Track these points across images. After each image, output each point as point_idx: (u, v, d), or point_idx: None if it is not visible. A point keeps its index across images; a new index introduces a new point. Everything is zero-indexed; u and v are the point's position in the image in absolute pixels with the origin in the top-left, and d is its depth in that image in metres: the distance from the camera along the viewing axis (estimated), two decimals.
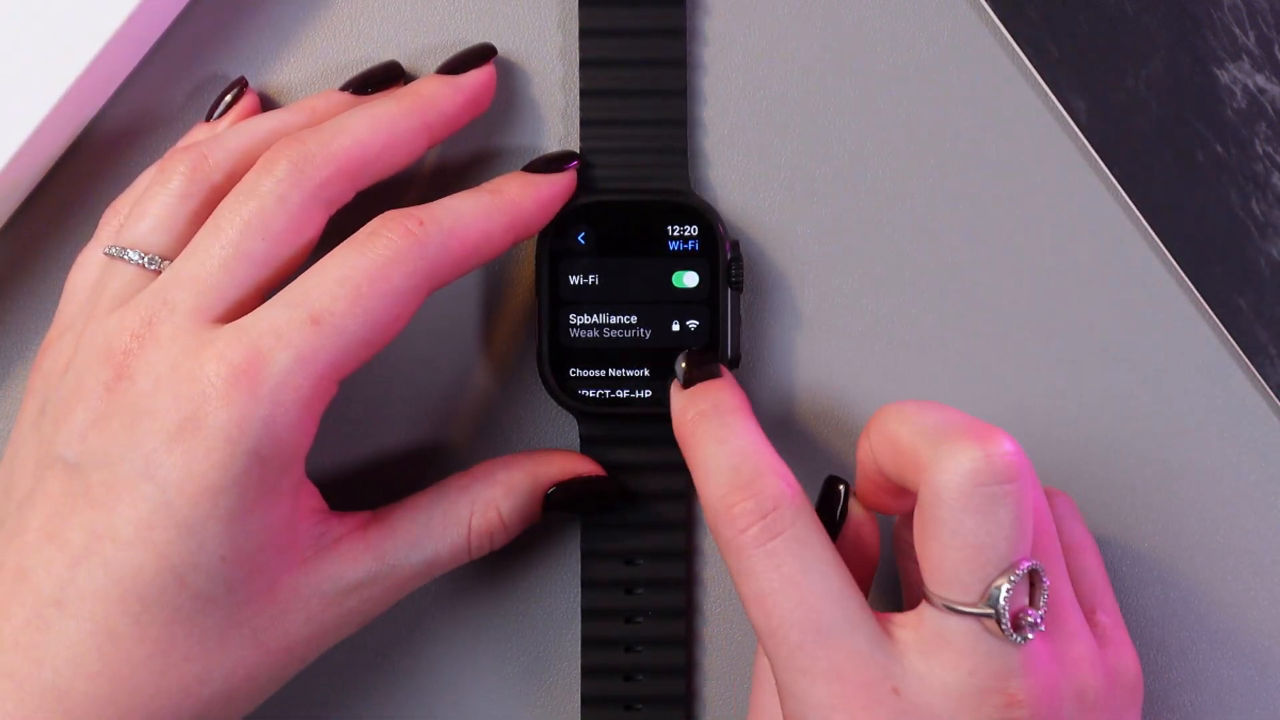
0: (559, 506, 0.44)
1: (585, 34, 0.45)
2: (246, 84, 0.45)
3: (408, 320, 0.40)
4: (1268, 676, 0.46)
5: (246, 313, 0.39)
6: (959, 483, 0.37)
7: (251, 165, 0.41)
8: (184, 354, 0.38)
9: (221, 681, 0.39)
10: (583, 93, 0.45)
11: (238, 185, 0.40)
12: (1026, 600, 0.37)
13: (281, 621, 0.40)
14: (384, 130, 0.41)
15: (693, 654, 0.46)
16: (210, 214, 0.41)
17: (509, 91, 0.46)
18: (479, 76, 0.44)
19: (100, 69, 0.44)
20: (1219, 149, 0.45)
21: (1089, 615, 0.41)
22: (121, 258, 0.41)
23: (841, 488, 0.42)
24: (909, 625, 0.38)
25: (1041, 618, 0.37)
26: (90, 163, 0.46)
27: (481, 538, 0.43)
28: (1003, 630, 0.37)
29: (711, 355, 0.43)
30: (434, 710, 0.46)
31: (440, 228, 0.40)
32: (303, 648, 0.40)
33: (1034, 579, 0.37)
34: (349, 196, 0.41)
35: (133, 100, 0.46)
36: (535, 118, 0.46)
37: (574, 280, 0.44)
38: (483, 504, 0.43)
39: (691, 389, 0.42)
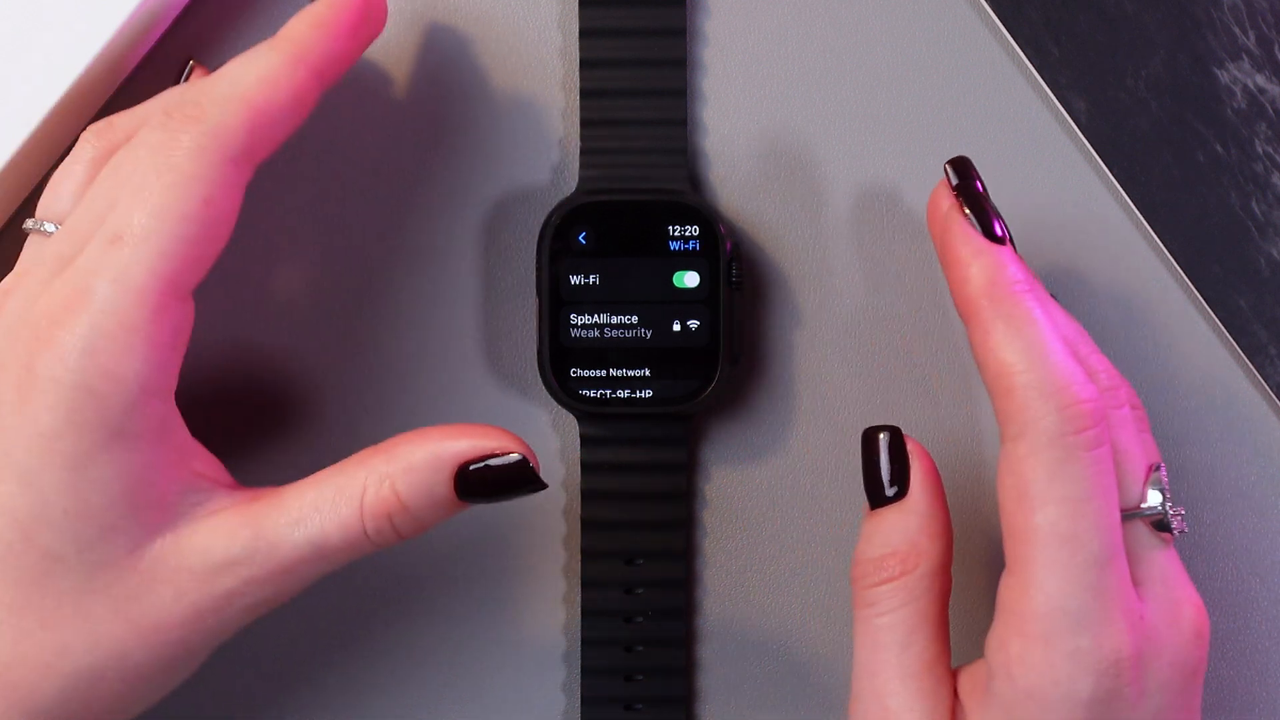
0: (473, 491, 0.38)
1: (585, 34, 0.45)
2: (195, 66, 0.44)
3: (227, 205, 0.38)
4: (1268, 676, 0.46)
5: None
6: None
7: None
8: (31, 300, 0.37)
9: (84, 655, 0.37)
10: (583, 93, 0.45)
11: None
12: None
13: (148, 595, 0.37)
14: (265, 80, 0.39)
15: (693, 654, 0.46)
16: None
17: (509, 92, 0.46)
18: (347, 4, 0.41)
19: (100, 69, 0.44)
20: (1219, 149, 0.45)
21: None
22: (39, 230, 0.40)
23: (898, 439, 0.41)
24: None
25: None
26: None
27: (378, 519, 0.38)
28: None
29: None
30: (433, 710, 0.46)
31: (215, 96, 0.38)
32: (179, 630, 0.37)
33: None
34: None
35: (133, 100, 0.46)
36: (535, 118, 0.46)
37: (574, 280, 0.44)
38: (377, 479, 0.38)
39: (985, 260, 0.39)
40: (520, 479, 0.38)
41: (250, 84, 0.39)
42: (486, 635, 0.47)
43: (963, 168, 0.41)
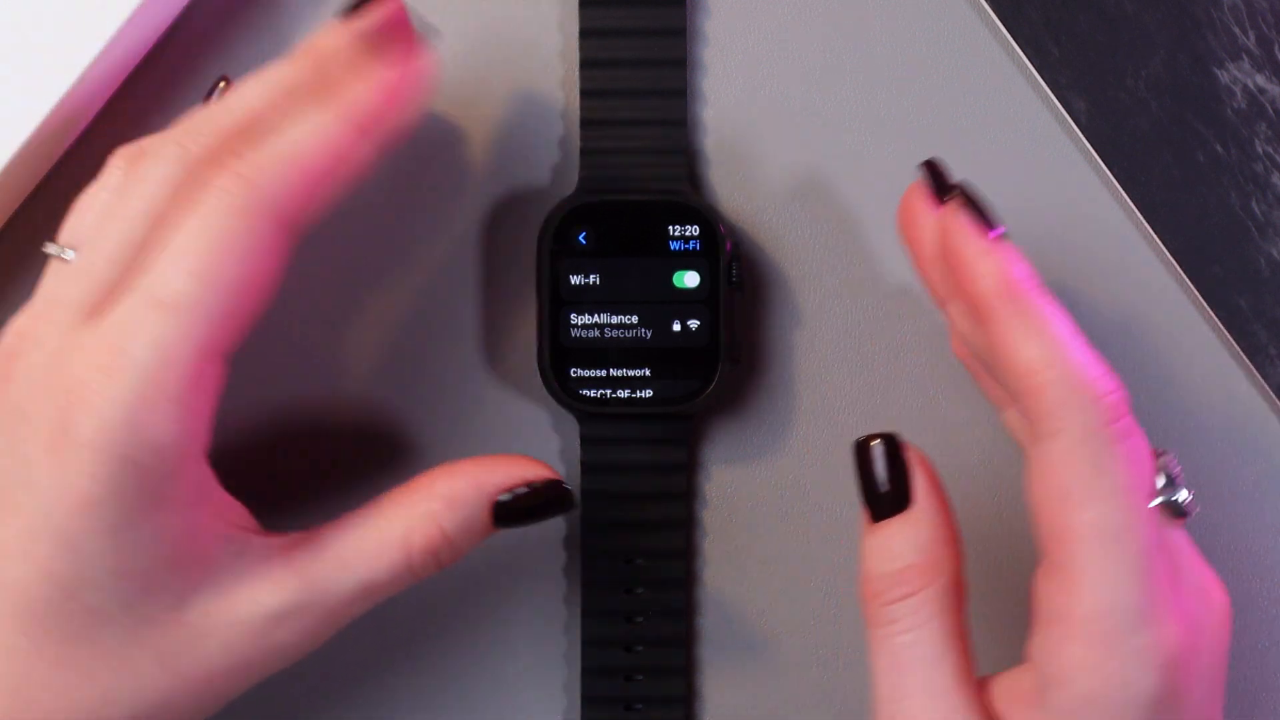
0: (510, 519, 0.40)
1: (585, 34, 0.45)
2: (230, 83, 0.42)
3: (276, 271, 0.37)
4: (1267, 676, 0.46)
5: None
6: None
7: None
8: (57, 355, 0.36)
9: (129, 704, 0.37)
10: (583, 93, 0.45)
11: None
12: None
13: (196, 648, 0.37)
14: (316, 142, 0.38)
15: (693, 654, 0.46)
16: None
17: (509, 93, 0.46)
18: (410, 67, 0.39)
19: (100, 69, 0.44)
20: (1219, 149, 0.45)
21: None
22: (60, 256, 0.38)
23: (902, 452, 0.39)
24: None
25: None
26: (89, 165, 0.46)
27: (425, 556, 0.39)
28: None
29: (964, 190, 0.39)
30: (433, 711, 0.46)
31: (273, 160, 0.37)
32: (224, 678, 0.38)
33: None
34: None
35: (132, 101, 0.46)
36: (535, 119, 0.46)
37: (574, 280, 0.44)
38: (422, 519, 0.39)
39: (993, 259, 0.37)
40: (556, 500, 0.40)
41: (305, 146, 0.37)
42: (487, 635, 0.47)
43: (942, 168, 0.40)
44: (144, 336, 0.35)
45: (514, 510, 0.40)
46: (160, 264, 0.36)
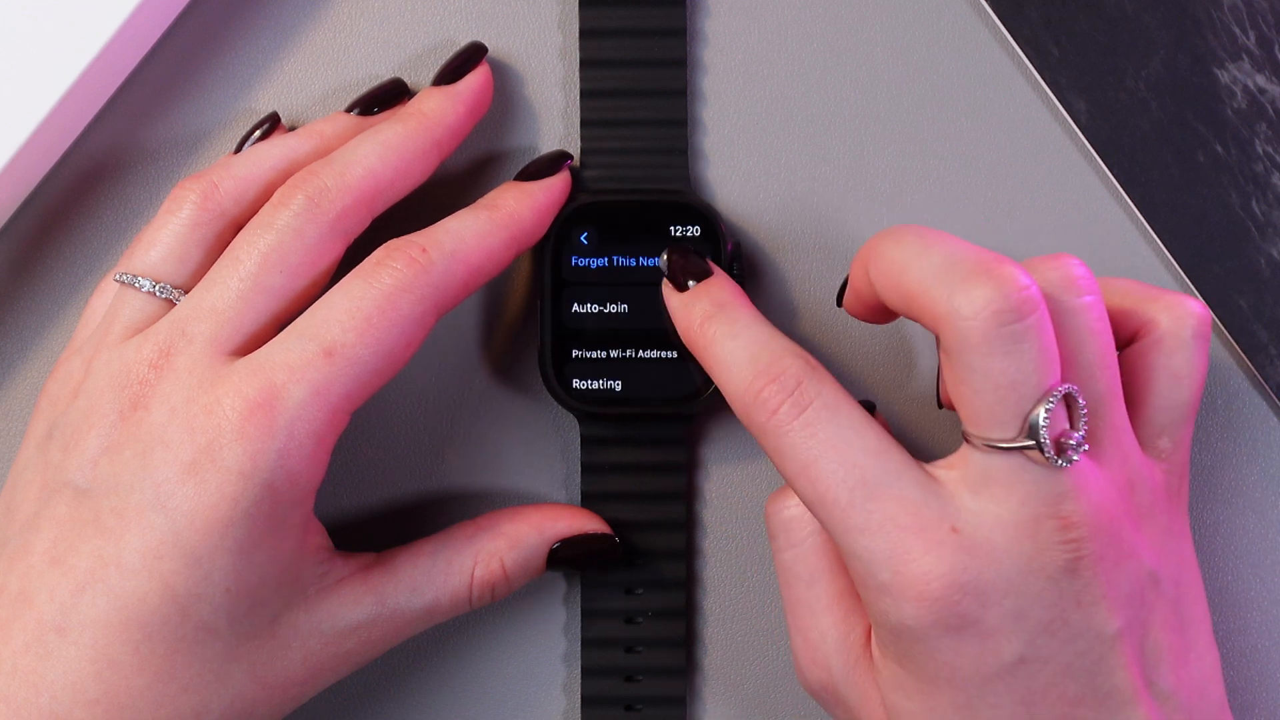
0: (563, 563, 0.44)
1: (585, 34, 0.45)
2: (279, 121, 0.44)
3: (418, 347, 0.40)
4: (1267, 676, 0.46)
5: (261, 344, 0.40)
6: (981, 327, 0.36)
7: (262, 193, 0.42)
8: (200, 387, 0.39)
9: (218, 715, 0.39)
10: (583, 93, 0.45)
11: (254, 219, 0.41)
12: (1066, 424, 0.37)
13: (280, 658, 0.40)
14: (395, 156, 0.42)
15: (693, 655, 0.46)
16: (221, 243, 0.41)
17: (509, 93, 0.46)
18: (477, 80, 0.44)
19: (100, 69, 0.44)
20: (1219, 149, 0.45)
21: (1153, 440, 0.41)
22: (132, 285, 0.41)
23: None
24: (954, 467, 0.38)
25: (1083, 438, 0.37)
26: (88, 165, 0.46)
27: (483, 588, 0.43)
28: (1046, 458, 0.36)
29: (696, 251, 0.43)
30: (434, 712, 0.46)
31: (443, 252, 0.40)
32: (299, 686, 0.41)
33: (1070, 402, 0.37)
34: (365, 225, 0.42)
35: (132, 101, 0.46)
36: (535, 118, 0.46)
37: (575, 280, 0.44)
38: (486, 555, 0.43)
39: (689, 292, 0.42)
40: (608, 553, 0.44)
41: (472, 249, 0.41)
42: (487, 635, 0.47)
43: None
44: (306, 379, 0.38)
45: (568, 558, 0.44)
46: (327, 316, 0.39)
